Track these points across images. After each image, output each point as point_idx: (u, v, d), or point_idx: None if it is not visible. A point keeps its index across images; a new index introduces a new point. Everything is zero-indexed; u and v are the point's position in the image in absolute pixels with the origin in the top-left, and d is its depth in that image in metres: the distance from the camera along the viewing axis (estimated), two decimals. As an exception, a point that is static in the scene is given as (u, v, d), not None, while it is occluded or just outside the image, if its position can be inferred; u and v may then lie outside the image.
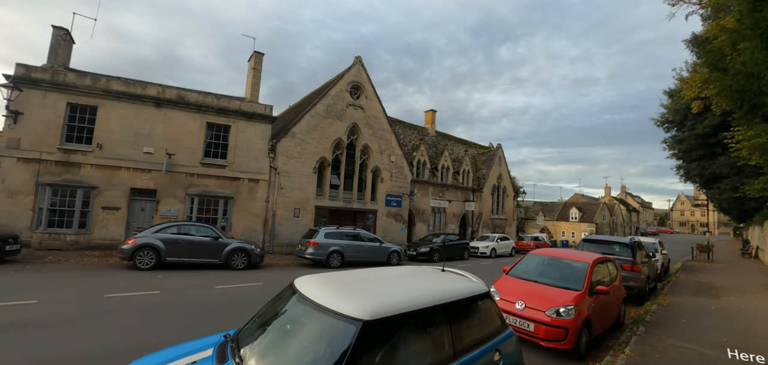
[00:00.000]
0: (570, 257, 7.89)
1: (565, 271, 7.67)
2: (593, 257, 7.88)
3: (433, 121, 31.89)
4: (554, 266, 7.96)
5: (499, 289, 7.35)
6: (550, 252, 8.40)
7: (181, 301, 8.74)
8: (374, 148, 22.32)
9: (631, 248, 11.00)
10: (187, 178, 17.21)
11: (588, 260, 7.51)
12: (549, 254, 8.25)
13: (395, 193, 23.24)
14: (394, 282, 3.84)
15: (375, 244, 16.65)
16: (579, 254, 8.12)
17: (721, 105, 16.84)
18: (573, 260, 7.72)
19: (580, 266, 7.44)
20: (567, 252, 8.34)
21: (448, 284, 3.87)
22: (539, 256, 8.33)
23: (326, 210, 20.36)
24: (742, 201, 25.28)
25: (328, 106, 20.53)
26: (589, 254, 8.34)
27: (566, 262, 7.79)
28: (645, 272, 11.10)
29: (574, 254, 8.10)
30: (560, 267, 7.85)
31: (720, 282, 14.26)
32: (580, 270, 7.34)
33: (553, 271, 7.89)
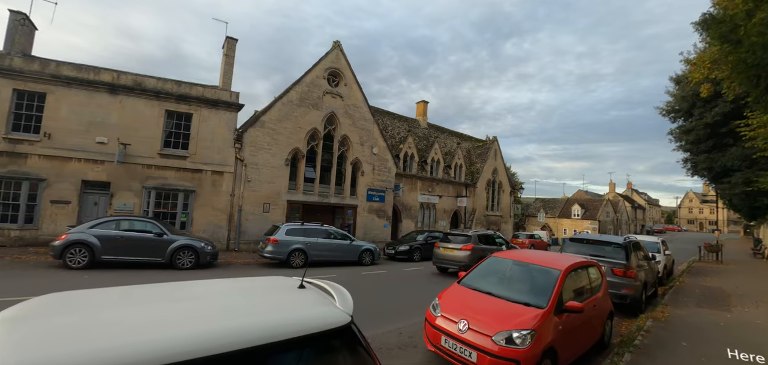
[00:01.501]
0: (539, 262, 6.11)
1: (530, 281, 5.91)
2: (569, 262, 6.10)
3: (425, 112, 30.04)
4: (518, 274, 6.21)
5: (443, 303, 5.65)
6: (517, 255, 6.63)
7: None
8: (354, 139, 20.60)
9: (624, 249, 9.16)
10: (144, 170, 15.70)
11: (560, 267, 5.74)
12: (515, 258, 6.48)
13: (378, 187, 21.50)
14: (165, 308, 2.24)
15: (344, 242, 14.95)
16: (552, 259, 6.35)
17: (733, 88, 14.80)
18: (542, 265, 5.95)
19: (548, 275, 5.68)
20: (537, 256, 6.56)
21: (271, 313, 2.29)
22: (503, 259, 6.57)
23: (300, 205, 18.71)
24: (754, 197, 23.09)
25: (302, 94, 18.85)
26: (565, 258, 6.56)
27: (533, 268, 6.03)
28: (641, 277, 9.25)
29: (545, 259, 6.33)
30: (525, 275, 6.09)
31: (731, 288, 12.31)
32: (547, 281, 5.58)
33: (516, 280, 6.13)
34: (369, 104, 21.45)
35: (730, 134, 19.29)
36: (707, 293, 11.27)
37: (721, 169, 20.38)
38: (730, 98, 16.79)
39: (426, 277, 13.25)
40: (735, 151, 18.96)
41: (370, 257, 15.42)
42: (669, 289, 11.98)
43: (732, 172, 19.75)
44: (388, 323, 7.29)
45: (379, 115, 26.85)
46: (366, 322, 7.40)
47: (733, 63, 12.10)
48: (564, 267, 5.72)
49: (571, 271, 5.85)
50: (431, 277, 13.29)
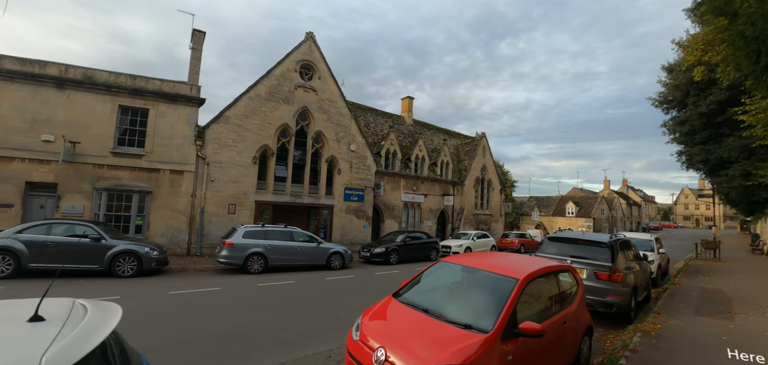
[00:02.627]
0: (494, 268, 4.76)
1: (479, 294, 4.58)
2: (532, 267, 4.76)
3: (411, 109, 28.69)
4: (467, 285, 4.88)
5: (366, 323, 4.32)
6: (469, 260, 5.28)
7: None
8: (330, 135, 19.24)
9: (610, 249, 7.81)
10: (95, 170, 14.36)
11: (517, 275, 4.39)
12: (466, 263, 5.13)
13: (356, 186, 20.14)
14: None
15: (310, 245, 13.60)
16: (511, 264, 5.01)
17: (728, 73, 13.47)
18: (496, 273, 4.60)
19: (499, 287, 4.34)
20: (494, 261, 5.22)
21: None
22: (452, 266, 5.23)
23: (270, 206, 17.34)
24: (751, 192, 21.81)
25: (271, 87, 17.50)
26: (529, 262, 5.21)
27: (485, 277, 4.68)
28: (630, 281, 7.90)
29: (503, 264, 4.98)
30: (473, 287, 4.76)
31: (732, 289, 10.97)
32: (498, 294, 4.24)
33: (463, 292, 4.81)
34: (346, 98, 20.12)
35: (727, 123, 18.00)
36: (706, 296, 9.93)
37: (718, 161, 19.09)
38: (725, 83, 15.50)
39: (396, 282, 11.90)
40: (732, 141, 17.65)
41: (340, 261, 14.06)
42: (663, 292, 10.64)
43: (729, 164, 18.45)
44: (321, 342, 5.95)
45: (361, 111, 25.55)
46: (292, 341, 6.08)
47: (730, 39, 10.80)
48: (523, 276, 4.38)
49: (532, 280, 4.51)
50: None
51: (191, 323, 6.77)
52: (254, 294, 9.59)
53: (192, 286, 10.07)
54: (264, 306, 8.22)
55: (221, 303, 8.33)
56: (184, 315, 7.30)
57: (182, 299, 8.61)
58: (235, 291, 9.76)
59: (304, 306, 8.40)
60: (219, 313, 7.48)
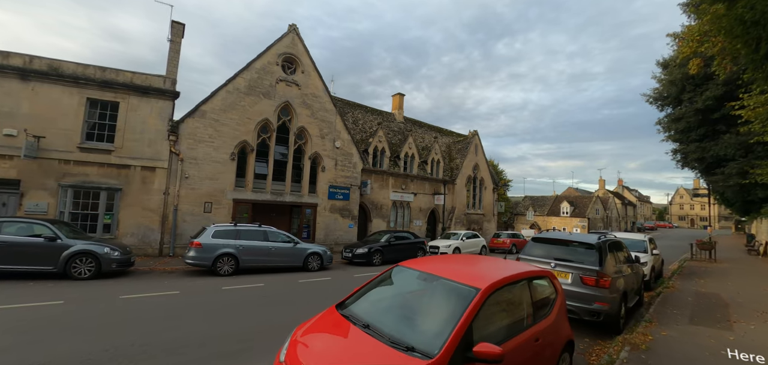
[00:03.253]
0: (454, 275, 3.99)
1: (431, 307, 3.83)
2: (499, 274, 3.99)
3: (401, 106, 27.90)
4: (421, 295, 4.11)
5: (295, 342, 3.56)
6: (429, 265, 4.49)
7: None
8: (313, 131, 18.44)
9: (598, 251, 7.06)
10: (60, 165, 13.52)
11: (479, 285, 3.62)
12: (425, 269, 4.35)
13: (341, 184, 19.35)
14: None
15: (286, 245, 12.80)
16: (475, 270, 4.25)
17: (725, 66, 12.71)
18: (456, 281, 3.83)
19: (456, 299, 3.59)
20: (456, 267, 4.45)
21: None
22: (410, 271, 4.45)
23: (249, 204, 16.53)
24: (747, 191, 21.13)
25: (251, 81, 16.69)
26: (495, 268, 4.43)
27: (441, 286, 3.92)
28: (619, 286, 7.15)
29: (465, 270, 4.22)
30: (429, 298, 4.00)
31: (729, 293, 10.25)
32: (453, 307, 3.49)
33: (415, 304, 4.05)
34: (331, 93, 19.32)
35: (723, 119, 17.31)
36: (702, 301, 9.20)
37: (714, 159, 18.39)
38: (721, 77, 14.79)
39: None
40: (729, 138, 16.96)
41: (318, 262, 13.28)
42: (657, 296, 9.91)
43: (725, 162, 17.76)
44: (262, 356, 5.15)
45: (349, 108, 24.76)
46: (232, 355, 5.28)
47: (728, 27, 10.08)
48: (485, 285, 3.61)
49: (498, 289, 3.74)
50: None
51: (126, 331, 5.98)
52: (215, 298, 8.80)
53: (150, 289, 9.28)
54: (219, 313, 7.43)
55: (172, 309, 7.53)
56: (124, 322, 6.51)
57: (132, 304, 7.81)
58: (195, 295, 8.96)
59: (262, 313, 7.61)
60: (164, 321, 6.69)
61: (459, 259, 5.02)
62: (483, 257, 5.24)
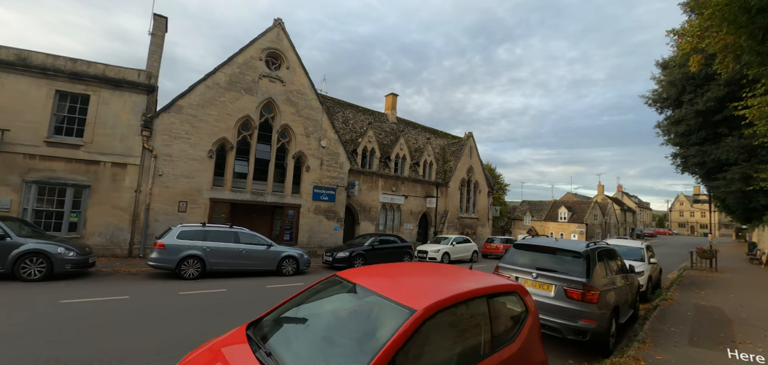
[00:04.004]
0: (393, 290, 3.11)
1: (357, 331, 2.96)
2: (447, 291, 3.09)
3: (394, 106, 27.05)
4: (349, 314, 3.25)
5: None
6: (366, 276, 3.59)
7: None
8: (298, 130, 17.61)
9: (585, 260, 6.16)
10: (25, 160, 12.73)
11: (416, 305, 2.74)
12: (360, 280, 3.44)
13: (327, 185, 18.48)
14: None
15: (259, 247, 11.93)
16: (419, 284, 3.40)
17: (727, 64, 11.79)
18: (391, 299, 2.95)
19: (387, 322, 2.73)
20: (398, 279, 3.59)
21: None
22: (344, 282, 3.56)
23: (227, 204, 15.68)
24: (749, 198, 20.13)
25: (232, 76, 15.88)
26: (447, 282, 3.56)
27: (375, 304, 3.04)
28: (610, 300, 6.25)
29: (407, 284, 3.37)
30: (355, 318, 3.14)
31: (732, 307, 9.32)
32: (380, 334, 2.63)
33: (339, 326, 3.17)
34: (317, 91, 18.50)
35: (725, 122, 16.38)
36: (702, 316, 8.28)
37: (715, 164, 17.42)
38: (723, 76, 13.84)
39: None
40: (731, 141, 16.01)
41: (293, 266, 12.41)
42: (653, 310, 8.98)
43: (727, 167, 16.78)
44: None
45: (340, 107, 23.94)
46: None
47: (731, 17, 9.19)
48: (423, 306, 2.73)
49: (441, 310, 2.85)
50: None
51: (40, 342, 5.11)
52: (166, 303, 7.93)
53: (99, 293, 8.41)
54: (157, 321, 6.55)
55: (109, 316, 6.66)
56: (46, 331, 5.64)
57: (67, 310, 6.95)
58: (145, 300, 8.10)
59: (206, 322, 6.73)
60: (91, 330, 5.82)
61: (410, 270, 4.14)
62: (440, 267, 4.36)
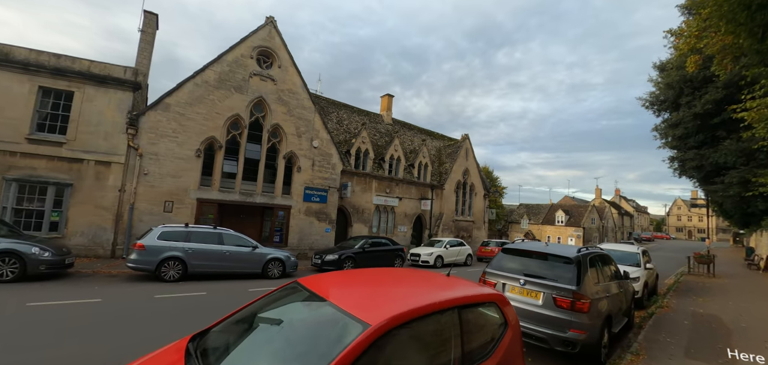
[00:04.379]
0: (347, 300, 2.75)
1: (304, 347, 2.57)
2: (408, 304, 2.70)
3: (390, 107, 26.69)
4: (299, 326, 2.88)
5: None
6: (323, 284, 3.23)
7: None
8: (289, 129, 17.23)
9: (576, 266, 5.79)
10: (6, 158, 12.34)
11: (370, 320, 2.37)
12: (317, 288, 3.07)
13: (318, 186, 18.10)
14: None
15: (243, 249, 11.53)
16: (378, 294, 3.07)
17: (726, 65, 11.51)
18: (344, 310, 2.57)
19: (337, 338, 2.35)
20: (356, 287, 3.26)
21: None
22: (301, 290, 3.19)
23: (215, 204, 15.28)
24: (747, 202, 19.81)
25: (222, 74, 15.52)
26: (414, 292, 3.20)
27: (328, 316, 2.67)
28: (602, 309, 5.87)
29: (365, 294, 3.03)
30: (304, 332, 2.77)
31: (730, 316, 8.95)
32: (326, 350, 2.25)
33: (290, 340, 2.77)
34: (309, 90, 18.13)
35: (723, 125, 16.06)
36: (700, 326, 7.90)
37: (713, 167, 17.10)
38: (721, 78, 13.54)
39: None
40: (729, 145, 15.69)
41: (280, 269, 12.01)
42: (649, 318, 8.60)
43: (725, 170, 16.46)
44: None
45: (334, 107, 23.59)
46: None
47: (730, 14, 8.87)
48: (379, 320, 2.36)
49: (399, 326, 2.48)
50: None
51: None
52: (139, 307, 7.55)
53: (71, 296, 8.01)
54: (127, 327, 6.16)
55: (75, 321, 6.26)
56: (2, 337, 5.25)
57: (33, 314, 6.55)
58: (118, 303, 7.71)
59: (180, 328, 6.32)
60: (52, 337, 5.42)
61: (379, 278, 3.76)
62: (417, 276, 3.97)
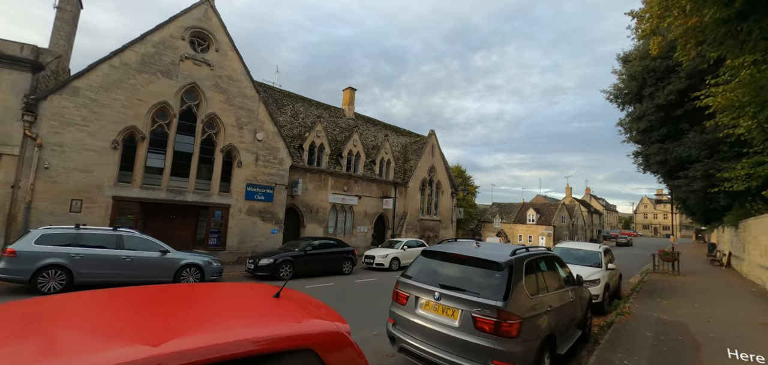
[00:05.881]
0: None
1: None
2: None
3: (352, 101, 25.10)
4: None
5: None
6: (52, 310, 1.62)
7: None
8: (228, 120, 15.41)
9: (505, 273, 4.35)
10: None
11: None
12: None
13: (263, 183, 16.33)
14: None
15: (150, 254, 9.70)
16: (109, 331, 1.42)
17: (689, 50, 10.46)
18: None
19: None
20: (83, 319, 1.62)
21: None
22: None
23: (136, 203, 13.32)
24: (710, 199, 19.26)
25: (146, 56, 13.58)
26: (170, 321, 1.63)
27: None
28: (540, 328, 4.47)
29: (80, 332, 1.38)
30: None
31: (698, 322, 7.83)
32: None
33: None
34: (253, 77, 16.34)
35: (687, 116, 15.27)
36: (664, 337, 6.70)
37: (677, 161, 16.33)
38: (685, 64, 12.51)
39: None
40: (693, 137, 14.91)
41: (197, 276, 10.24)
42: (607, 328, 7.36)
43: (689, 164, 15.70)
44: None
45: (290, 99, 21.83)
46: None
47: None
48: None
49: None
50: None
51: None
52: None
53: None
54: None
55: None
56: None
57: None
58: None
59: None
60: None
61: (155, 297, 2.20)
62: (216, 293, 2.45)
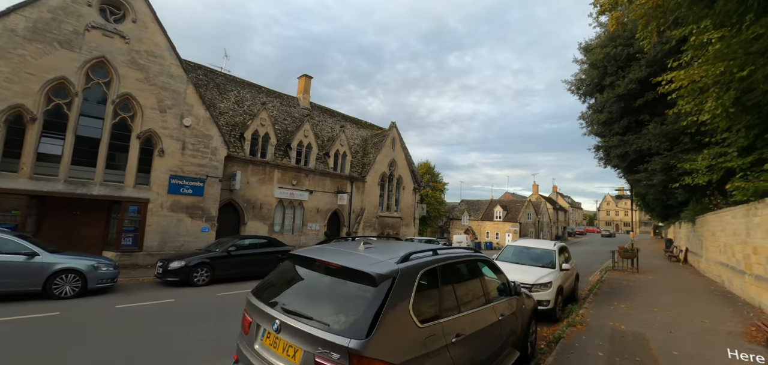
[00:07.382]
0: None
1: None
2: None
3: (307, 89, 23.21)
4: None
5: None
6: None
7: None
8: (147, 102, 13.30)
9: (385, 289, 2.81)
10: None
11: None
12: None
13: (191, 175, 14.30)
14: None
15: (13, 259, 7.62)
16: None
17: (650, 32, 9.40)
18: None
19: None
20: None
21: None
22: None
23: (25, 197, 11.07)
24: (668, 195, 18.77)
25: (39, 22, 11.32)
26: None
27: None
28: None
29: None
30: None
31: (658, 333, 6.68)
32: None
33: None
34: (179, 54, 14.26)
35: (647, 107, 14.45)
36: (619, 356, 5.42)
37: (637, 154, 15.55)
38: (646, 47, 11.47)
39: (161, 320, 6.42)
40: (653, 129, 14.09)
41: (78, 284, 8.26)
42: (555, 343, 6.04)
43: (649, 157, 14.93)
44: None
45: (236, 85, 19.77)
46: None
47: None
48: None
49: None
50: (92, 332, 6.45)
51: None
52: None
53: None
54: None
55: None
56: None
57: None
58: None
59: None
60: None
61: None
62: None
